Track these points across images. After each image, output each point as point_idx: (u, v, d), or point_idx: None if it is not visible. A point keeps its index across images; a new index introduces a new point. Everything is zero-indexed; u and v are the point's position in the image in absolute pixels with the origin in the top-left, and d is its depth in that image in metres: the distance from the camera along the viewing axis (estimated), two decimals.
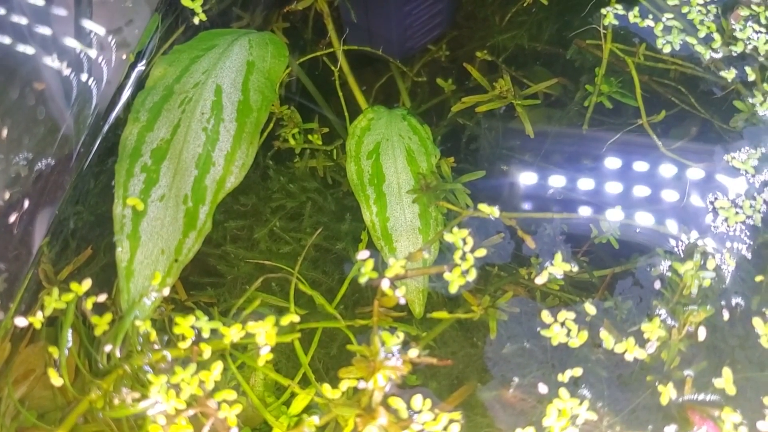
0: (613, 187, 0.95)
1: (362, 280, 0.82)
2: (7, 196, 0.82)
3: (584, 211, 0.93)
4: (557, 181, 0.96)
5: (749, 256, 0.87)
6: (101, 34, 0.96)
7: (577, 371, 0.80)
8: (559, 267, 0.85)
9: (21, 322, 0.79)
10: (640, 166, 0.96)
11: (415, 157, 0.93)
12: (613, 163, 0.96)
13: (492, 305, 0.84)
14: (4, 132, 0.81)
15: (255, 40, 0.95)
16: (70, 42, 0.91)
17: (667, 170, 0.95)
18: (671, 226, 0.90)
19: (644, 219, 0.91)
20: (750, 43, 1.00)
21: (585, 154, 0.98)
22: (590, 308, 0.82)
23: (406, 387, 0.79)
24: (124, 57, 0.98)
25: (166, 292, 0.81)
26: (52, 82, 0.89)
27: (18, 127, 0.83)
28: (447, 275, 0.83)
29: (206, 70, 0.91)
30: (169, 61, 0.93)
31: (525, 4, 1.09)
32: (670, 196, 0.93)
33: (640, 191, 0.94)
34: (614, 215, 0.90)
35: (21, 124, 0.84)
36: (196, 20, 1.00)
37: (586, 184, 0.95)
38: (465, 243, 0.84)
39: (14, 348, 0.81)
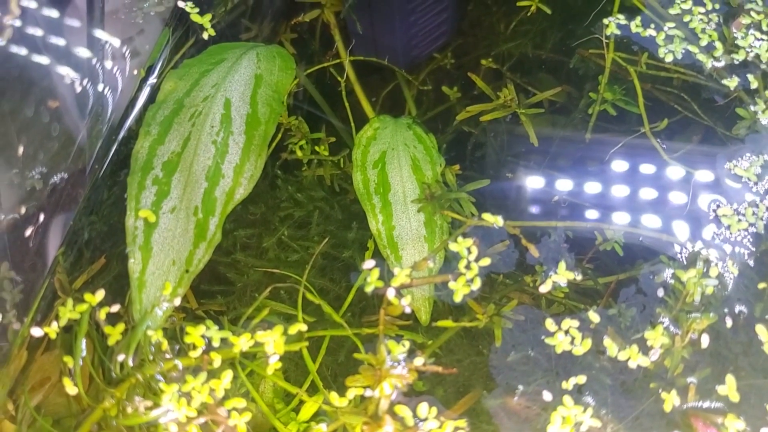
0: (617, 195, 0.95)
1: (368, 289, 0.83)
2: (23, 210, 0.84)
3: (588, 218, 0.94)
4: (562, 187, 0.97)
5: (752, 263, 0.87)
6: (114, 44, 0.98)
7: (581, 379, 0.81)
8: (563, 275, 0.86)
9: (37, 332, 0.81)
10: (643, 173, 0.96)
11: (420, 165, 0.94)
12: (616, 170, 0.97)
13: (497, 313, 0.85)
14: (20, 149, 0.83)
15: (263, 54, 0.97)
16: (84, 53, 0.93)
17: (669, 178, 0.95)
18: (674, 233, 0.90)
19: (647, 226, 0.91)
20: (752, 51, 1.01)
21: (589, 161, 0.99)
22: (594, 316, 0.83)
23: (413, 394, 0.80)
24: (135, 72, 0.99)
25: (177, 302, 0.83)
26: (67, 96, 0.90)
27: (33, 144, 0.85)
28: (452, 284, 0.84)
29: (215, 84, 0.93)
30: (179, 75, 0.94)
31: (529, 14, 1.10)
32: (673, 203, 0.94)
33: (644, 199, 0.95)
34: (618, 222, 0.91)
35: (36, 140, 0.85)
36: (205, 35, 1.01)
37: (590, 191, 0.96)
38: (470, 252, 0.85)
39: (30, 356, 0.83)
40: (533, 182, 0.97)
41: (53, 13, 0.89)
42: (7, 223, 0.83)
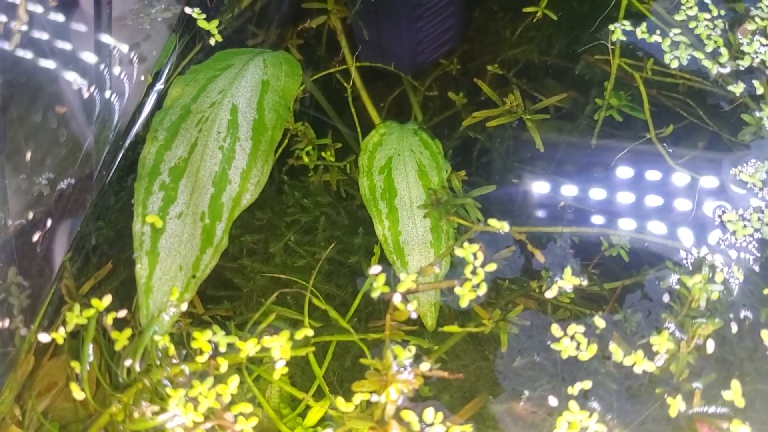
0: (623, 200, 0.96)
1: (375, 294, 0.84)
2: (30, 216, 0.85)
3: (594, 224, 0.94)
4: (567, 193, 0.97)
5: (757, 268, 0.87)
6: (121, 50, 0.98)
7: (587, 384, 0.81)
8: (568, 281, 0.86)
9: (44, 337, 0.81)
10: (649, 179, 0.97)
11: (426, 171, 0.95)
12: (622, 176, 0.97)
13: (503, 318, 0.85)
14: (28, 154, 0.84)
15: (269, 60, 0.97)
16: (91, 59, 0.93)
17: (675, 183, 0.95)
18: (680, 239, 0.91)
19: (653, 232, 0.92)
20: (757, 57, 1.01)
21: (595, 166, 0.99)
22: (600, 322, 0.84)
23: (419, 399, 0.80)
24: (142, 78, 1.00)
25: (184, 307, 0.83)
26: (74, 101, 0.91)
27: (41, 149, 0.86)
28: (458, 289, 0.84)
29: (222, 90, 0.93)
30: (186, 81, 0.95)
31: (534, 20, 1.10)
32: (678, 209, 0.94)
33: (649, 204, 0.95)
34: (624, 228, 0.91)
35: (44, 145, 0.86)
36: (212, 41, 1.02)
37: (595, 196, 0.96)
38: (476, 257, 0.85)
39: (38, 361, 0.83)
40: (539, 188, 0.98)
41: (60, 19, 0.89)
42: (15, 228, 0.84)
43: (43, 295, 0.86)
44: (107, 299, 0.82)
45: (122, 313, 0.82)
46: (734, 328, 0.84)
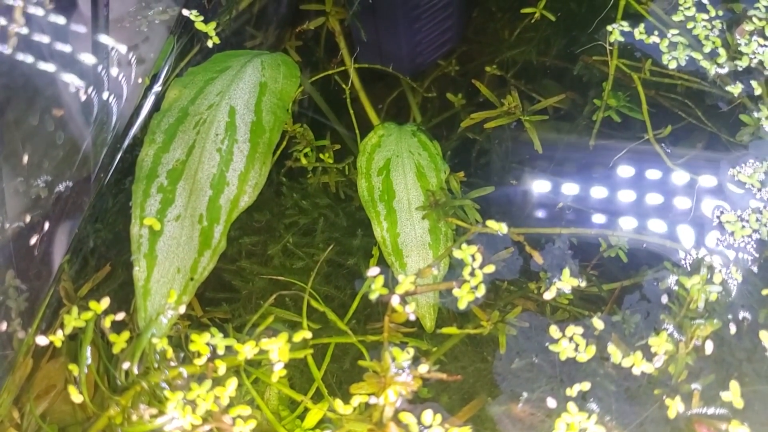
0: (621, 201, 0.96)
1: (373, 296, 0.84)
2: (28, 218, 0.85)
3: (593, 225, 0.94)
4: (566, 194, 0.97)
5: (755, 269, 0.87)
6: (119, 52, 0.98)
7: (585, 385, 0.81)
8: (567, 282, 0.86)
9: (42, 340, 0.81)
10: (647, 179, 0.97)
11: (424, 173, 0.95)
12: (620, 176, 0.97)
13: (501, 320, 0.85)
14: (25, 157, 0.84)
15: (267, 62, 0.97)
16: (89, 61, 0.93)
17: (674, 184, 0.95)
18: (678, 239, 0.90)
19: (652, 232, 0.92)
20: (755, 58, 1.01)
21: (593, 167, 0.99)
22: (598, 323, 0.83)
23: (417, 401, 0.80)
24: (140, 80, 1.00)
25: (182, 309, 0.83)
26: (72, 104, 0.91)
27: (38, 152, 0.86)
28: (456, 291, 0.84)
29: (220, 92, 0.93)
30: (184, 83, 0.95)
31: (533, 21, 1.10)
32: (677, 209, 0.94)
33: (648, 205, 0.95)
34: (623, 229, 0.91)
35: (41, 148, 0.86)
36: (210, 43, 1.02)
37: (594, 197, 0.96)
38: (474, 259, 0.85)
39: (36, 364, 0.83)
40: (537, 189, 0.98)
41: (57, 21, 0.89)
42: (13, 231, 0.84)
43: (41, 297, 0.86)
44: (105, 302, 0.82)
45: (120, 316, 0.82)
46: (733, 329, 0.84)
